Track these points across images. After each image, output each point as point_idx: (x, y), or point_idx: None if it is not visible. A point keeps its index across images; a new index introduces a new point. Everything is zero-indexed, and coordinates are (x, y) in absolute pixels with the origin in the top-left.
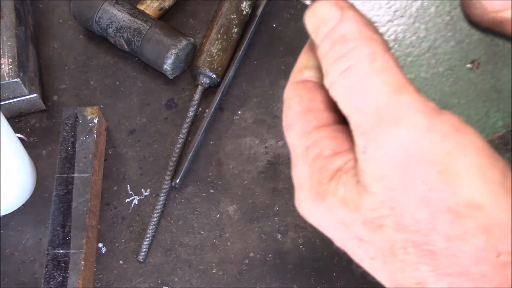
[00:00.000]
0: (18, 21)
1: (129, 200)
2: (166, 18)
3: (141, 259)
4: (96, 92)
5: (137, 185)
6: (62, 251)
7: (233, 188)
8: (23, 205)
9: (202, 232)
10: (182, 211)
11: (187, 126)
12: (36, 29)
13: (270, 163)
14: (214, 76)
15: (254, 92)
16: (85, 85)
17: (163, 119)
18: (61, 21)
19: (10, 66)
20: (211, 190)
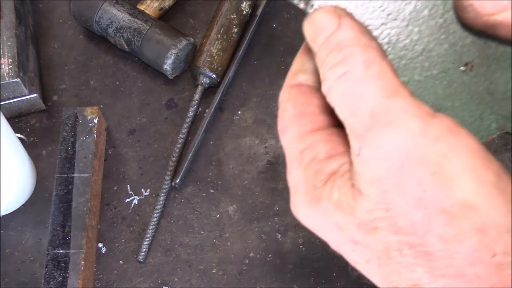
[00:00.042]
0: (18, 21)
1: (129, 200)
2: (166, 18)
3: (141, 259)
4: (96, 92)
5: (137, 185)
6: (62, 251)
7: (233, 188)
8: (23, 205)
9: (202, 232)
10: (182, 211)
11: (187, 126)
12: (36, 29)
13: (270, 163)
14: (214, 76)
15: (254, 92)
16: (85, 85)
17: (163, 119)
18: (61, 21)
19: (10, 66)
20: (211, 190)
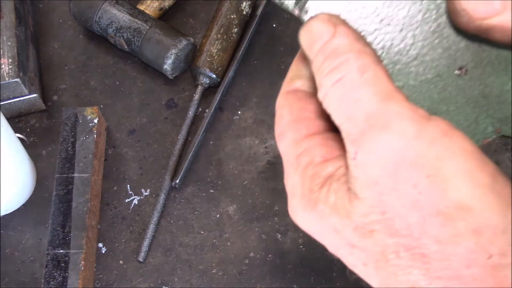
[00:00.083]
0: (18, 21)
1: (129, 200)
2: (166, 18)
3: (141, 259)
4: (96, 92)
5: (137, 185)
6: (62, 251)
7: (233, 188)
8: (23, 205)
9: (202, 232)
10: (182, 211)
11: (187, 126)
12: (36, 29)
13: (270, 163)
14: (214, 76)
15: (254, 92)
16: (85, 85)
17: (163, 119)
18: (61, 21)
19: (10, 66)
20: (211, 190)
